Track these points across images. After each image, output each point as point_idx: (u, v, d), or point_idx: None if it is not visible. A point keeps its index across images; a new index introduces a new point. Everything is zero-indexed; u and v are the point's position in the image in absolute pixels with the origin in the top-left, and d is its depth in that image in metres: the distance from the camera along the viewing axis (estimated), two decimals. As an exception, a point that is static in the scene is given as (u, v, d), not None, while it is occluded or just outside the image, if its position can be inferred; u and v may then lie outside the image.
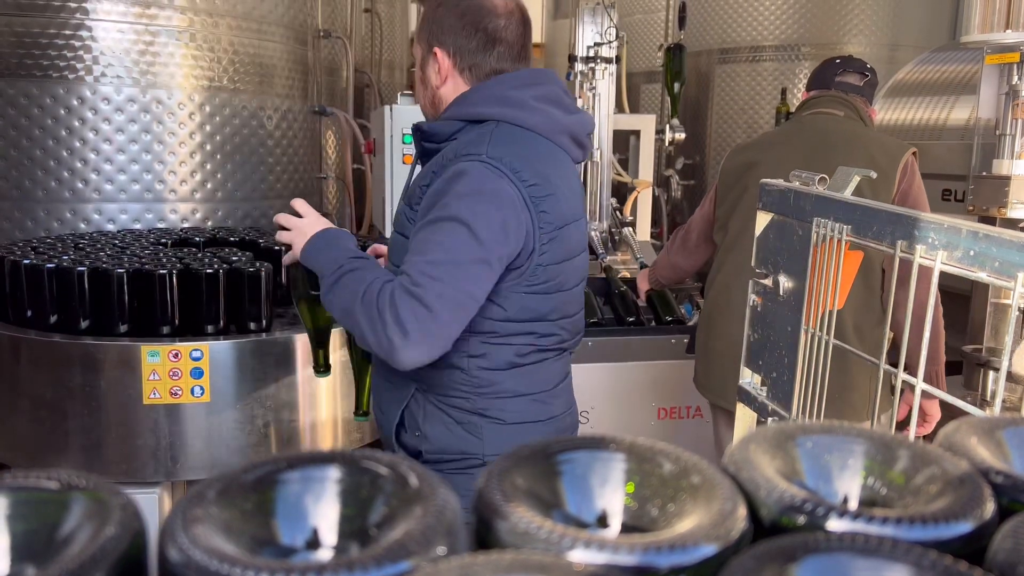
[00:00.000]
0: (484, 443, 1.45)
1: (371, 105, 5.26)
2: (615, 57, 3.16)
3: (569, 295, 1.48)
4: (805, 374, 1.09)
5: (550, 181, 1.39)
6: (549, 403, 1.51)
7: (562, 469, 0.33)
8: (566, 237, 1.42)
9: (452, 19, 1.45)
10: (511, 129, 1.41)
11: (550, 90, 1.46)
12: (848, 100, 2.33)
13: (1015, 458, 0.35)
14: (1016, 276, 0.74)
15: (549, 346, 1.48)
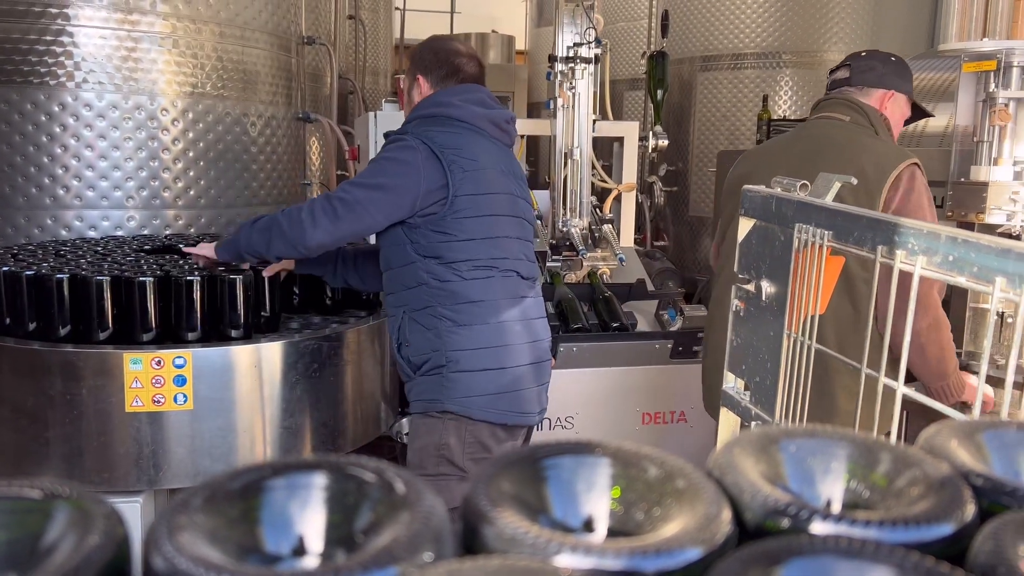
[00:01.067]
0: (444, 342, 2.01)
1: (355, 112, 5.25)
2: (594, 57, 3.17)
3: (490, 220, 2.04)
4: (788, 378, 1.10)
5: (460, 144, 2.03)
6: (498, 311, 2.02)
7: (548, 474, 0.33)
8: (481, 177, 2.03)
9: (430, 56, 2.20)
10: (440, 119, 2.09)
11: (476, 96, 2.15)
12: (849, 101, 2.20)
13: (995, 461, 0.36)
14: (994, 280, 0.75)
15: (486, 261, 2.02)
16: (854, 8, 5.15)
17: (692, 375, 2.96)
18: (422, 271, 2.03)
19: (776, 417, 1.12)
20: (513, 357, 2.05)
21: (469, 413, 2.02)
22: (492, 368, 2.03)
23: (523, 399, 2.08)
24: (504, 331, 2.05)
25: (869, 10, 5.18)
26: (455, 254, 2.01)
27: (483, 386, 2.02)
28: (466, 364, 2.01)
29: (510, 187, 2.14)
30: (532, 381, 2.11)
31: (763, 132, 4.65)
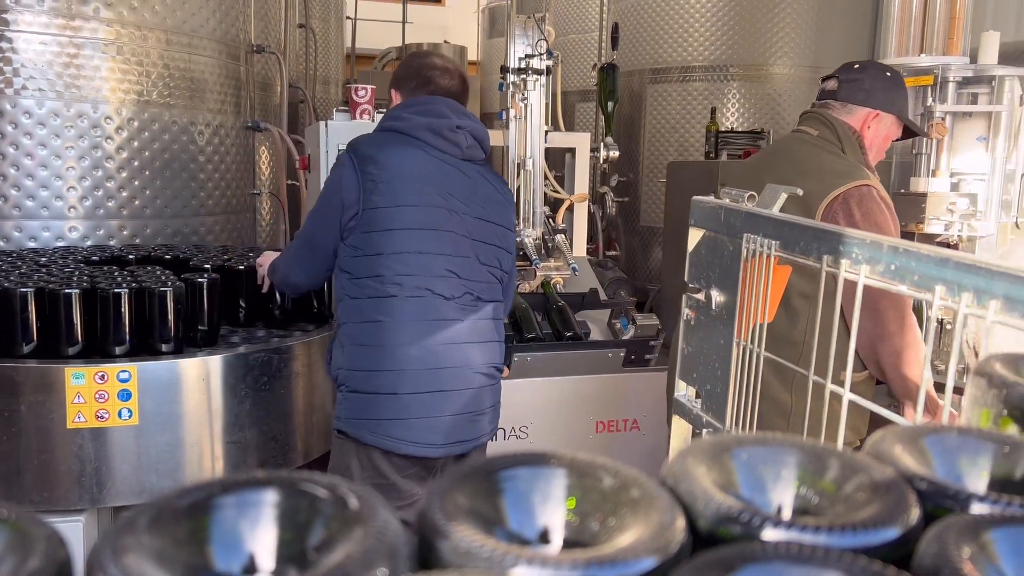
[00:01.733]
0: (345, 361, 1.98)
1: (306, 121, 5.20)
2: (546, 68, 3.19)
3: (409, 234, 1.95)
4: (738, 386, 1.11)
5: (377, 153, 1.99)
6: (392, 331, 1.93)
7: (504, 486, 0.33)
8: (396, 189, 1.96)
9: (404, 70, 2.18)
10: (379, 133, 2.08)
11: (431, 108, 2.07)
12: (822, 116, 2.13)
13: (937, 465, 0.37)
14: (934, 289, 0.77)
15: (390, 278, 1.94)
16: (798, 23, 5.28)
17: (644, 383, 2.99)
18: (339, 287, 2.02)
19: (727, 424, 1.14)
20: (410, 383, 1.92)
21: (359, 436, 1.94)
22: (384, 392, 1.92)
23: (421, 428, 1.93)
24: (401, 355, 1.92)
25: (812, 26, 5.33)
26: (360, 270, 1.95)
27: (373, 410, 1.93)
28: (358, 385, 1.94)
29: (443, 200, 2.01)
30: (446, 408, 1.96)
31: (711, 144, 4.73)
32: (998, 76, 2.60)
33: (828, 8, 5.36)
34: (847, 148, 2.09)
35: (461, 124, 2.07)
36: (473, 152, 2.11)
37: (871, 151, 2.14)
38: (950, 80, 2.63)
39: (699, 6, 5.31)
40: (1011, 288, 0.70)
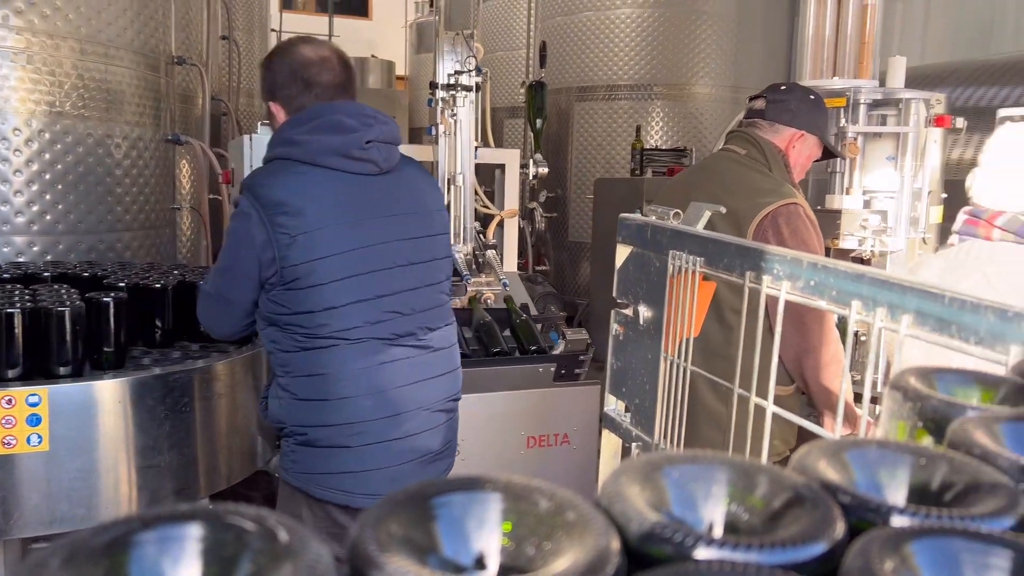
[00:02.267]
0: (288, 415, 1.82)
1: (229, 134, 5.08)
2: (475, 85, 3.21)
3: (332, 288, 1.74)
4: (666, 400, 1.13)
5: (289, 200, 1.73)
6: (336, 384, 1.76)
7: (438, 513, 0.32)
8: (316, 240, 1.73)
9: (275, 76, 1.85)
10: (278, 164, 1.79)
11: (330, 119, 1.78)
12: (750, 136, 2.18)
13: (859, 478, 0.38)
14: (850, 304, 0.80)
15: (326, 334, 1.75)
16: (718, 45, 5.46)
17: (575, 397, 3.01)
18: (267, 338, 1.83)
19: (656, 438, 1.15)
20: (360, 436, 1.78)
21: (309, 491, 1.82)
22: (337, 446, 1.78)
23: (378, 480, 1.80)
24: (352, 408, 1.77)
25: (732, 48, 5.51)
26: (291, 325, 1.76)
27: (326, 464, 1.79)
28: (307, 440, 1.80)
29: (372, 233, 1.80)
30: (400, 457, 1.83)
31: (637, 161, 4.83)
32: (905, 99, 2.74)
33: (747, 32, 5.55)
34: (773, 167, 2.15)
35: (370, 137, 1.80)
36: (390, 161, 1.86)
37: (795, 169, 2.22)
38: (861, 102, 2.76)
39: (624, 27, 5.43)
40: (922, 303, 0.73)
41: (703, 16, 5.37)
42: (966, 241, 1.73)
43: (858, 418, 2.08)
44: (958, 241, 1.76)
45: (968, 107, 3.74)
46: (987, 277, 1.65)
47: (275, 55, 1.90)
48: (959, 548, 0.31)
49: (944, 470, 0.38)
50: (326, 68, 1.84)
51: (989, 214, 1.69)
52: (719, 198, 1.92)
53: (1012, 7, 5.09)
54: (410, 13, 11.58)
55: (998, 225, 1.66)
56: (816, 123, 2.21)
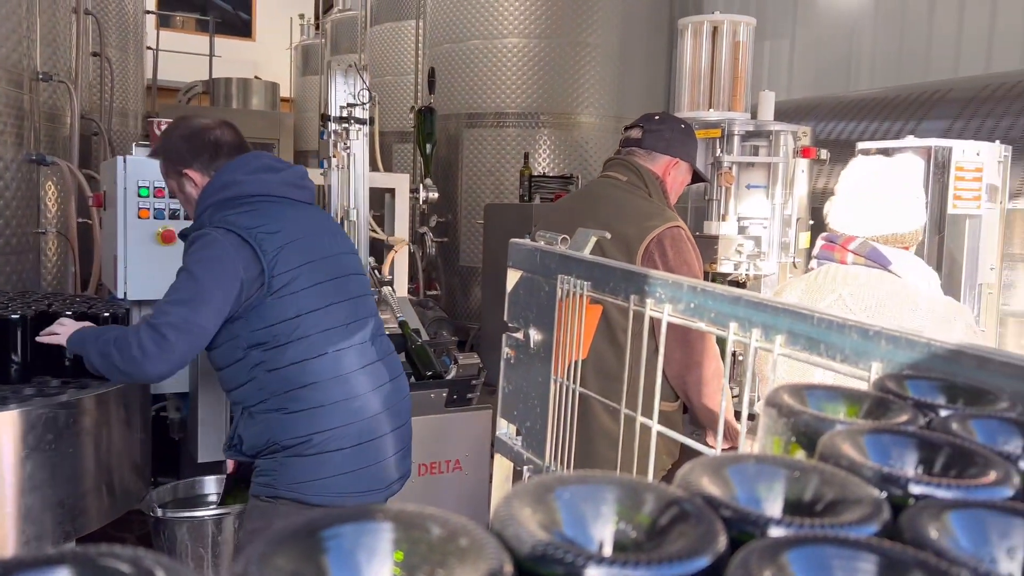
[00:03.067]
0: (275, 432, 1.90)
1: (101, 155, 4.83)
2: (369, 119, 3.18)
3: (313, 291, 1.91)
4: (556, 422, 1.14)
5: (263, 221, 1.90)
6: (330, 390, 1.90)
7: (328, 546, 0.32)
8: (292, 251, 1.91)
9: (185, 146, 2.02)
10: (233, 201, 1.94)
11: (260, 163, 2.02)
12: (629, 163, 2.28)
13: (739, 492, 0.40)
14: (728, 325, 0.84)
15: (313, 339, 1.89)
16: (602, 77, 5.64)
17: (466, 422, 3.01)
18: (250, 364, 1.90)
19: (547, 460, 1.16)
20: (353, 436, 1.92)
21: (304, 499, 1.89)
22: (329, 451, 1.89)
23: (369, 475, 1.95)
24: (340, 411, 1.90)
25: (615, 79, 5.70)
26: (279, 336, 1.88)
27: (319, 469, 1.89)
28: (301, 450, 1.89)
29: (327, 248, 2.02)
30: (384, 452, 1.98)
31: (525, 187, 4.90)
32: (775, 131, 2.90)
33: (629, 64, 5.77)
34: (652, 192, 2.26)
35: (303, 171, 2.10)
36: (313, 192, 2.15)
37: (671, 195, 2.34)
38: (735, 133, 2.91)
39: (512, 56, 5.53)
40: (794, 323, 0.77)
41: (587, 48, 5.54)
42: (824, 264, 1.85)
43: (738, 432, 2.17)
44: (817, 265, 1.88)
45: (831, 139, 4.01)
46: (842, 297, 1.77)
47: (173, 132, 2.07)
48: (830, 555, 0.33)
49: (816, 482, 0.40)
50: (224, 130, 2.06)
51: (843, 239, 1.81)
52: (609, 223, 2.00)
53: (867, 48, 5.51)
54: (295, 35, 11.40)
55: (851, 249, 1.79)
56: (688, 151, 2.35)
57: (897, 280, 1.75)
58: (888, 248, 1.78)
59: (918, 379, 0.57)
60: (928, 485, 0.39)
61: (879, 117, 4.00)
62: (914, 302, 1.71)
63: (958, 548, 0.35)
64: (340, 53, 8.95)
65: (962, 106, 3.61)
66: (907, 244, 1.82)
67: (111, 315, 2.40)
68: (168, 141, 2.05)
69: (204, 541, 2.46)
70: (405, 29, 7.20)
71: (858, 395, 0.54)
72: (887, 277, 1.76)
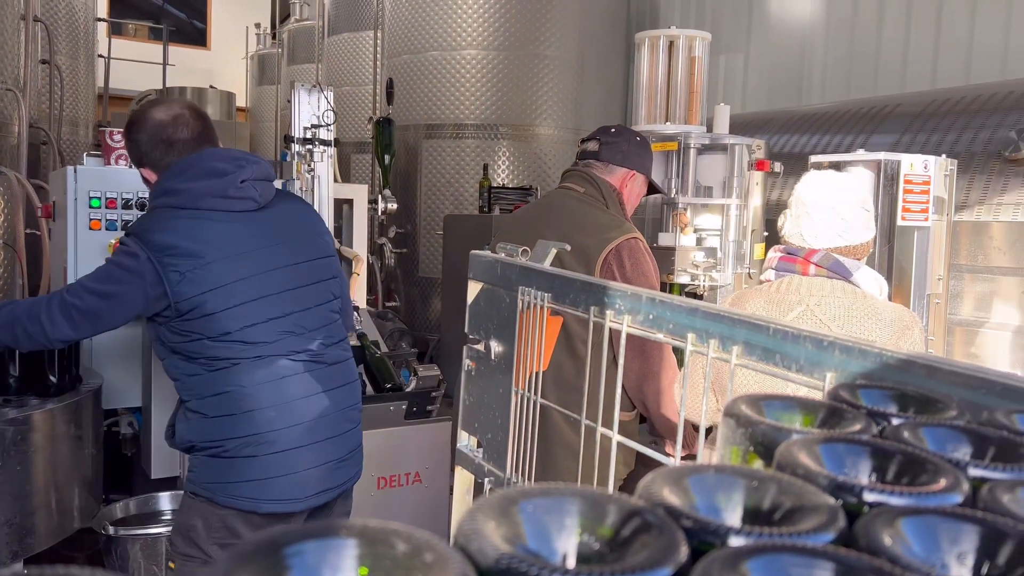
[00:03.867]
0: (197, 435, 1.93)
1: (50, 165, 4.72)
2: (333, 140, 3.15)
3: (234, 311, 1.89)
4: (517, 434, 1.15)
5: (177, 242, 1.87)
6: (241, 399, 1.89)
7: (291, 563, 0.31)
8: (208, 274, 1.87)
9: (139, 145, 1.98)
10: (164, 212, 1.92)
11: (204, 166, 1.93)
12: (586, 174, 2.31)
13: (699, 502, 0.40)
14: (687, 336, 0.85)
15: (225, 356, 1.88)
16: (560, 89, 5.68)
17: (426, 435, 2.99)
18: (172, 366, 1.95)
19: (507, 472, 1.16)
20: (265, 445, 1.91)
21: (215, 498, 1.92)
22: (241, 456, 1.90)
23: (283, 485, 1.93)
24: (258, 419, 1.90)
25: (573, 92, 5.75)
26: (191, 352, 1.90)
27: (232, 473, 1.91)
28: (218, 452, 1.91)
29: (263, 262, 1.96)
30: (303, 464, 1.96)
31: (484, 198, 4.91)
32: (730, 144, 2.96)
33: (587, 78, 5.82)
34: (610, 204, 2.29)
35: (244, 177, 1.95)
36: (267, 195, 2.03)
37: (627, 206, 2.37)
38: (691, 146, 2.95)
39: (470, 68, 5.54)
40: (750, 334, 0.79)
41: (545, 60, 5.58)
42: (784, 277, 1.88)
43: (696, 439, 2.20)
44: (774, 277, 1.91)
45: (784, 152, 4.10)
46: (810, 308, 1.80)
47: (131, 126, 2.01)
48: (789, 563, 0.34)
49: (773, 491, 0.41)
50: (181, 125, 1.98)
51: (806, 252, 1.85)
52: (568, 234, 2.04)
53: (819, 63, 5.64)
54: (251, 44, 11.28)
55: (813, 261, 1.83)
56: (644, 163, 2.39)
57: (858, 290, 1.80)
58: (850, 260, 1.82)
59: (871, 388, 0.58)
60: (881, 493, 0.40)
61: (831, 131, 4.09)
62: (876, 311, 1.76)
63: (911, 554, 0.36)
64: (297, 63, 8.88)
65: (910, 121, 3.72)
66: (860, 255, 1.87)
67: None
68: (128, 135, 2.03)
69: (158, 559, 2.40)
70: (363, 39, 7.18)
71: (813, 405, 0.55)
72: (849, 288, 1.80)
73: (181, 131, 1.97)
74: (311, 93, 3.09)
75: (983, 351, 3.11)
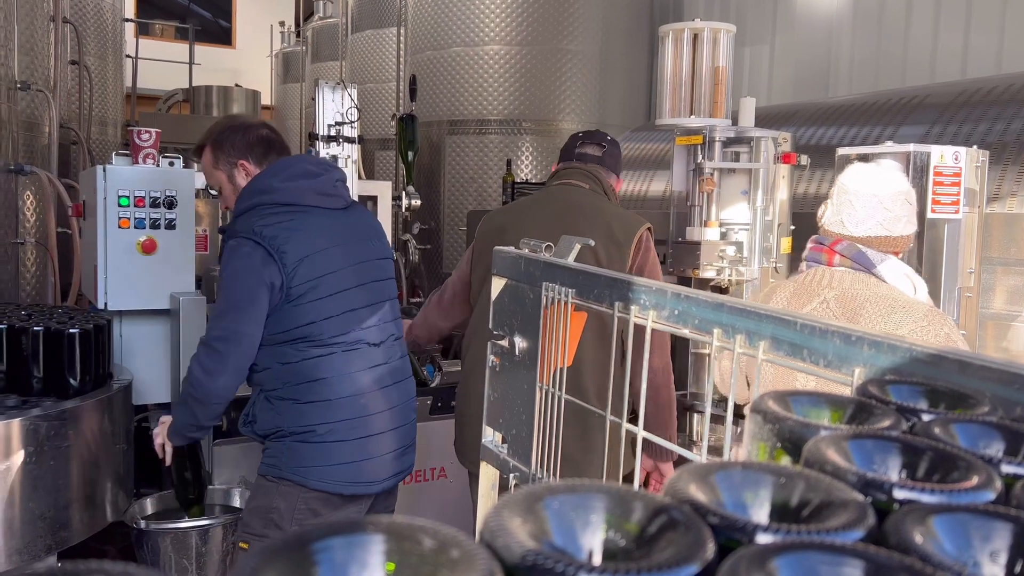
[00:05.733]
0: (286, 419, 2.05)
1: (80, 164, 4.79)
2: (358, 137, 3.16)
3: (332, 299, 2.04)
4: (542, 429, 1.15)
5: (288, 233, 2.03)
6: (337, 385, 2.04)
7: (319, 559, 0.32)
8: (315, 261, 2.04)
9: (240, 139, 2.17)
10: (265, 208, 2.06)
11: (298, 168, 2.14)
12: (591, 172, 2.46)
13: (726, 499, 0.40)
14: (712, 331, 0.84)
15: (325, 341, 2.03)
16: (583, 84, 5.66)
17: (451, 430, 3.00)
18: (267, 355, 2.05)
19: (532, 468, 1.16)
20: (355, 430, 2.06)
21: (305, 483, 2.04)
22: (331, 441, 2.03)
23: (367, 469, 2.08)
24: (344, 406, 2.05)
25: (596, 86, 5.72)
26: (294, 336, 2.03)
27: (322, 457, 2.03)
28: (308, 437, 2.03)
29: (353, 256, 2.14)
30: (383, 448, 2.12)
31: (508, 194, 4.91)
32: (755, 137, 2.93)
33: (610, 72, 5.79)
34: (611, 199, 2.50)
35: (337, 177, 2.19)
36: (348, 197, 2.24)
37: None
38: (716, 140, 2.93)
39: (493, 63, 5.54)
40: (777, 329, 0.78)
41: (568, 55, 5.56)
42: (812, 267, 1.86)
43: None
44: (806, 267, 1.89)
45: (811, 145, 4.05)
46: (826, 301, 1.78)
47: (225, 129, 2.20)
48: (817, 560, 0.33)
49: (801, 488, 0.41)
50: (269, 131, 2.21)
51: (831, 241, 1.83)
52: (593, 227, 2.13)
53: (846, 55, 5.57)
54: (276, 43, 11.36)
55: (837, 251, 1.81)
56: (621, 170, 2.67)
57: (881, 284, 1.77)
58: (874, 252, 1.79)
59: (900, 384, 0.58)
60: (912, 490, 0.40)
61: (858, 123, 4.04)
62: (891, 306, 1.72)
63: (942, 552, 0.36)
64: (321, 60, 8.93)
65: (939, 112, 3.66)
66: (896, 249, 1.83)
67: (93, 326, 2.38)
68: (221, 135, 2.18)
69: (188, 553, 2.44)
70: (386, 36, 7.20)
71: (841, 401, 0.54)
72: (871, 281, 1.77)
73: (273, 134, 2.21)
74: (335, 91, 3.10)
75: (1016, 345, 3.06)
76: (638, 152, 5.17)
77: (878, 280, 1.77)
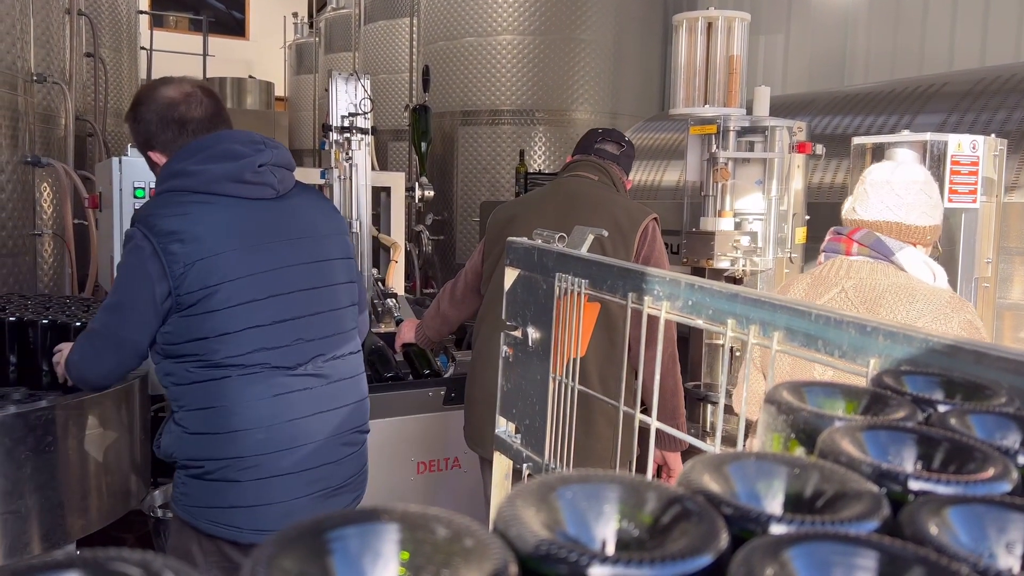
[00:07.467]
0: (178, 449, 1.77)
1: (96, 156, 4.83)
2: (371, 128, 3.17)
3: (236, 311, 1.71)
4: (555, 420, 1.15)
5: (184, 228, 1.69)
6: (228, 417, 1.72)
7: (334, 547, 0.32)
8: (212, 266, 1.69)
9: (147, 124, 1.80)
10: (172, 196, 1.74)
11: (218, 149, 1.75)
12: (603, 166, 2.49)
13: (740, 489, 0.40)
14: (726, 322, 0.84)
15: (218, 361, 1.71)
16: (597, 74, 5.63)
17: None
18: (163, 372, 1.78)
19: (545, 458, 1.17)
20: (249, 471, 1.73)
21: (197, 526, 1.76)
22: (226, 480, 1.73)
23: (269, 515, 1.75)
24: (243, 442, 1.72)
25: (609, 76, 5.70)
26: (182, 353, 1.72)
27: (214, 498, 1.74)
28: (196, 472, 1.75)
29: (274, 259, 1.78)
30: (295, 492, 1.77)
31: (521, 184, 4.90)
32: (770, 126, 2.91)
33: (623, 61, 5.76)
34: (620, 190, 2.54)
35: (263, 161, 1.77)
36: (286, 184, 1.84)
37: None
38: (731, 129, 2.91)
39: (506, 53, 5.52)
40: (791, 320, 0.77)
41: (581, 44, 5.54)
42: (831, 258, 1.85)
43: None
44: (824, 258, 1.88)
45: (826, 135, 4.02)
46: (844, 291, 1.77)
47: (138, 105, 1.83)
48: (831, 551, 0.33)
49: (815, 478, 0.40)
50: (193, 103, 1.80)
51: (850, 229, 1.82)
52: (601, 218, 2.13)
53: (862, 43, 5.51)
54: (289, 34, 11.38)
55: (856, 239, 1.79)
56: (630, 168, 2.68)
57: (900, 273, 1.75)
58: (893, 240, 1.77)
59: (916, 374, 0.57)
60: (927, 481, 0.40)
61: (874, 112, 4.00)
62: (911, 294, 1.71)
63: (958, 544, 0.35)
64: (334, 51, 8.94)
65: (957, 100, 3.62)
66: (915, 240, 1.81)
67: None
68: (134, 115, 1.83)
69: (204, 541, 2.46)
70: (399, 27, 7.19)
71: (856, 391, 0.54)
72: (890, 270, 1.75)
73: (194, 110, 1.80)
74: (348, 82, 3.10)
75: (1033, 336, 3.03)
76: (652, 142, 5.14)
77: (897, 269, 1.75)
